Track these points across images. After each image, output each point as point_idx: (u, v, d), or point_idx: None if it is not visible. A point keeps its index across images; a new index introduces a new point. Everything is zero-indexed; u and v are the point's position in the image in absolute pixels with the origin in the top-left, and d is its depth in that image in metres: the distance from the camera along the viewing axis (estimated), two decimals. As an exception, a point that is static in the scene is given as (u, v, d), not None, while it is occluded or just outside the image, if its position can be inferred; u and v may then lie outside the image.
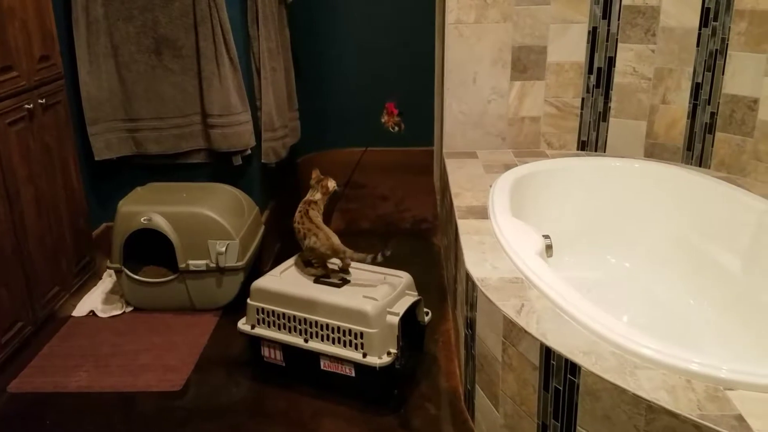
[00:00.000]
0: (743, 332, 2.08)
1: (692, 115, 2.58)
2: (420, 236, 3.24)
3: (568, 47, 2.70)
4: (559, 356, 1.47)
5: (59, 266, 2.45)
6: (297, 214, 2.21)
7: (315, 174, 2.26)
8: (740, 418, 1.24)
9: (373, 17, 3.89)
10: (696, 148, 2.59)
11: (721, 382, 1.34)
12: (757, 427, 1.22)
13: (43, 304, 2.34)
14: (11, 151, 2.15)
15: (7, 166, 2.13)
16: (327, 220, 3.46)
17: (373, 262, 2.10)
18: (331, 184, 2.24)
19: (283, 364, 2.14)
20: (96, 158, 2.76)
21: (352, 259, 2.13)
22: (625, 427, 1.35)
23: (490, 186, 2.40)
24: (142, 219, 2.45)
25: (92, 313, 2.54)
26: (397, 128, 2.78)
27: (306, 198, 2.24)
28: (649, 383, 1.34)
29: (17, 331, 2.18)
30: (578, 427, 1.46)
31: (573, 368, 1.44)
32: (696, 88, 2.55)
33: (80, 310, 2.55)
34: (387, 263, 2.21)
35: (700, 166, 2.59)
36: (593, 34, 2.66)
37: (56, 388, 2.14)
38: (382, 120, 2.78)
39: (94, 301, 2.59)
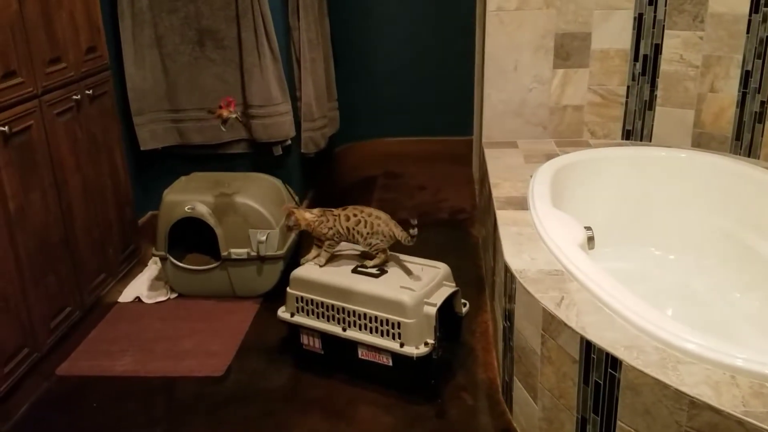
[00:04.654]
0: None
1: (741, 103, 2.50)
2: (458, 227, 3.23)
3: (613, 34, 2.64)
4: (600, 350, 1.45)
5: (106, 254, 2.51)
6: (343, 212, 2.18)
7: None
8: (787, 416, 1.21)
9: (413, 5, 3.86)
10: (745, 138, 2.52)
11: (766, 378, 1.30)
12: (804, 426, 1.18)
13: (90, 290, 2.41)
14: (59, 141, 2.21)
15: (55, 156, 2.19)
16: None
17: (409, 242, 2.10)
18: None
19: (322, 352, 2.16)
20: (141, 148, 2.82)
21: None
22: (666, 423, 1.33)
23: (530, 176, 2.37)
24: (186, 208, 2.50)
25: (138, 299, 2.61)
26: (227, 121, 2.47)
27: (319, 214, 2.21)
28: (692, 378, 1.32)
29: (65, 317, 2.25)
30: (618, 422, 1.45)
31: (614, 362, 1.42)
32: (746, 76, 2.47)
33: (126, 296, 2.62)
34: (425, 254, 2.21)
35: (749, 156, 2.51)
36: (639, 20, 2.60)
37: (102, 372, 2.20)
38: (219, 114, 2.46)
39: (140, 287, 2.66)
